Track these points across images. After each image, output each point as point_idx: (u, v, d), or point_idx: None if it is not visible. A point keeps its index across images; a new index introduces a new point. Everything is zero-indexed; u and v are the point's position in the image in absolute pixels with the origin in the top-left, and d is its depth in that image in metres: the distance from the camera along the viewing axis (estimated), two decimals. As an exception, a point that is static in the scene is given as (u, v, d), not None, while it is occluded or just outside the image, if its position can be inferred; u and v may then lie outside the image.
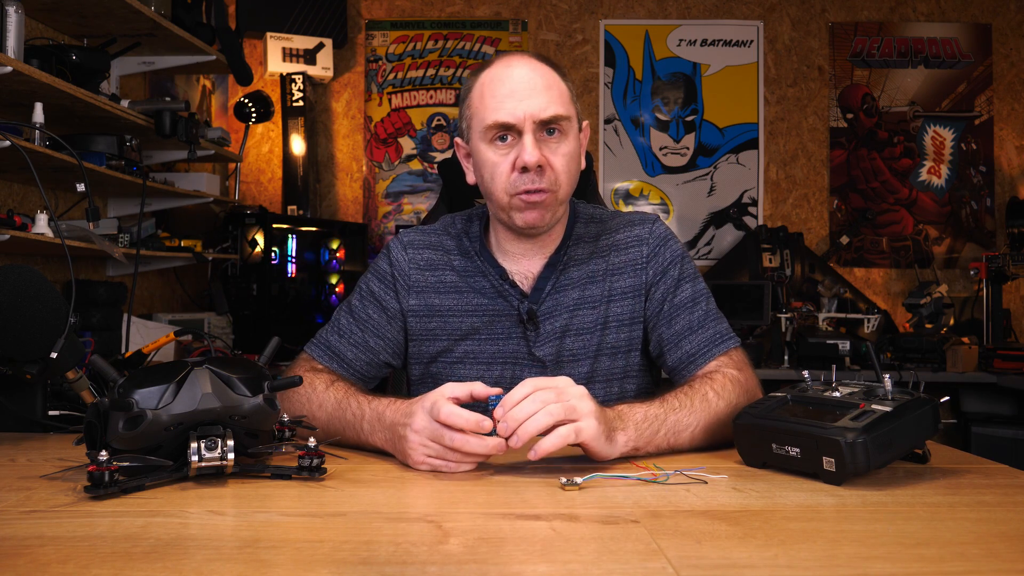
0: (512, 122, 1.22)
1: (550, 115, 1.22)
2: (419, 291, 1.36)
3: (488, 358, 1.34)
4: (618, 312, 1.34)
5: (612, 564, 0.70)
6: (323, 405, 1.20)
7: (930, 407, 1.00)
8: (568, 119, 1.25)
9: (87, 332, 2.39)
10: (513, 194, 1.24)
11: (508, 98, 1.22)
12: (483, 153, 1.26)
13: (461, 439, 1.00)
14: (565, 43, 4.21)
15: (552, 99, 1.23)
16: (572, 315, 1.33)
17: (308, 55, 3.98)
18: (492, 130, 1.24)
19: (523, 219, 1.26)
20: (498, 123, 1.23)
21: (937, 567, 0.70)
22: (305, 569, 0.68)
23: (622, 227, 1.38)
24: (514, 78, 1.23)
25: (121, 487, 0.90)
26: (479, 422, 0.99)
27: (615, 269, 1.35)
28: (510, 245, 1.35)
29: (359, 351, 1.35)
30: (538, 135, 1.23)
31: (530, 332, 1.32)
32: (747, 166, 4.18)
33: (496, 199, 1.28)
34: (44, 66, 2.09)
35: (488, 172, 1.26)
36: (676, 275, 1.35)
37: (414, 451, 1.03)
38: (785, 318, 3.64)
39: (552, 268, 1.34)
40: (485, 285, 1.35)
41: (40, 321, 1.11)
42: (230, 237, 3.35)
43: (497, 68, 1.26)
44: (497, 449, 1.00)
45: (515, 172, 1.23)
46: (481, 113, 1.25)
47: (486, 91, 1.25)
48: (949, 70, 4.16)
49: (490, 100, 1.24)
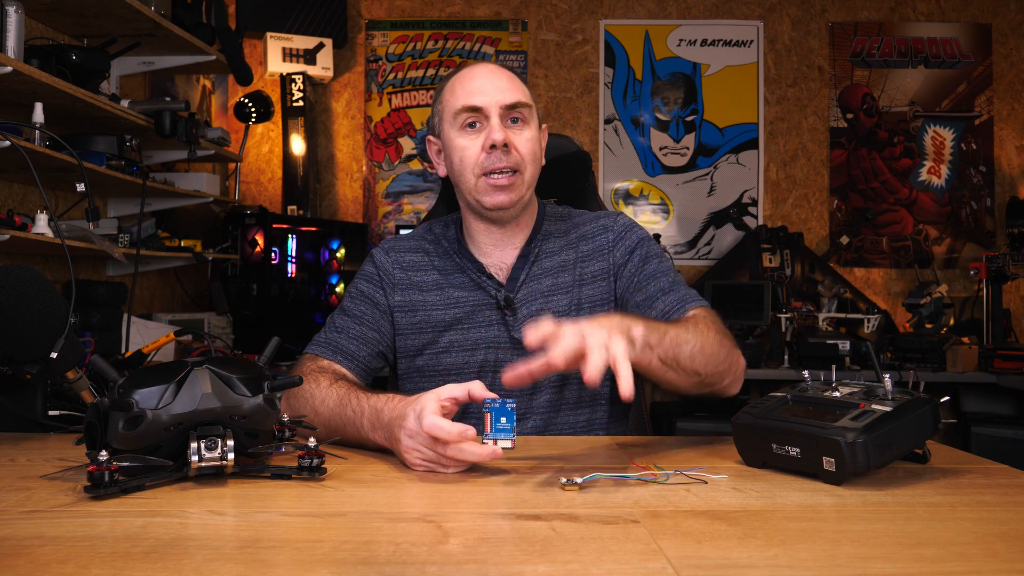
0: (480, 105, 1.34)
1: (514, 100, 1.35)
2: (403, 288, 1.44)
3: (471, 345, 1.40)
4: (590, 295, 1.42)
5: (612, 564, 0.70)
6: (325, 401, 1.21)
7: (930, 407, 1.00)
8: (530, 108, 1.38)
9: (87, 332, 2.39)
10: (481, 174, 1.35)
11: (476, 88, 1.36)
12: (453, 140, 1.38)
13: (454, 448, 1.00)
14: (565, 43, 4.21)
15: (515, 88, 1.37)
16: (547, 300, 1.41)
17: (308, 55, 3.98)
18: (462, 114, 1.35)
19: (492, 200, 1.36)
20: (468, 106, 1.35)
21: (937, 567, 0.70)
22: (305, 569, 0.68)
23: (589, 220, 1.49)
24: (481, 74, 1.38)
25: (121, 487, 0.90)
26: (462, 432, 0.99)
27: (584, 256, 1.44)
28: (483, 237, 1.44)
29: (360, 343, 1.40)
30: (503, 121, 1.35)
31: (508, 317, 1.40)
32: (747, 166, 4.18)
33: (465, 182, 1.38)
34: (44, 66, 2.09)
35: (458, 156, 1.37)
36: (643, 253, 1.43)
37: (407, 453, 1.04)
38: (785, 318, 3.64)
39: (525, 259, 1.43)
40: (464, 280, 1.43)
41: (40, 321, 1.11)
42: (230, 237, 3.35)
43: (465, 68, 1.42)
44: (491, 456, 1.00)
45: (483, 153, 1.34)
46: (451, 102, 1.38)
47: (456, 85, 1.39)
48: (949, 70, 4.15)
49: (460, 90, 1.37)
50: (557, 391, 1.40)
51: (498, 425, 1.01)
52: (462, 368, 1.39)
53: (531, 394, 1.39)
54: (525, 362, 0.97)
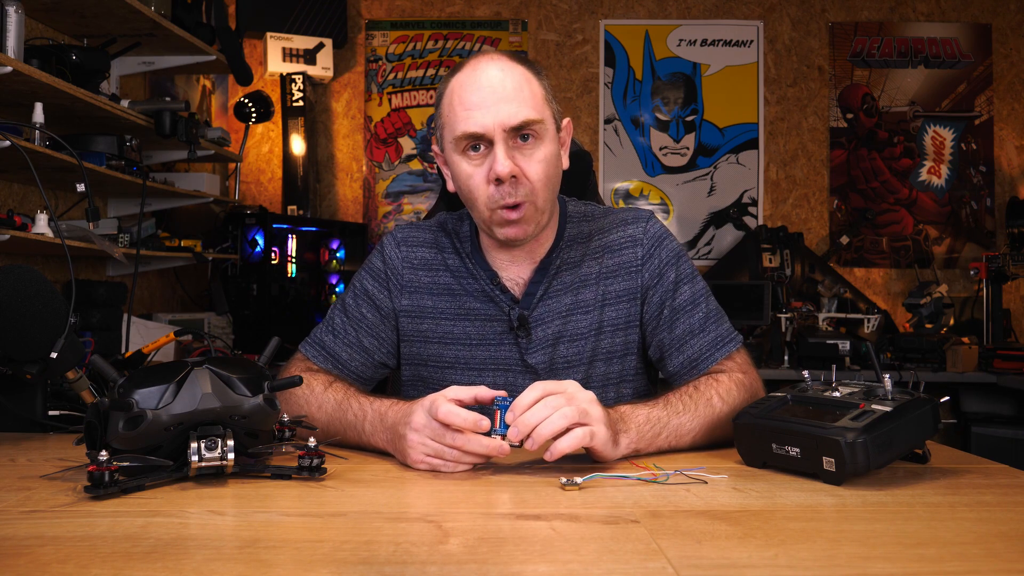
0: (481, 132, 1.18)
1: (520, 121, 1.18)
2: (412, 291, 1.34)
3: (479, 364, 1.31)
4: (613, 316, 1.31)
5: (612, 564, 0.70)
6: (322, 406, 1.20)
7: (930, 407, 1.00)
8: (541, 122, 1.20)
9: (87, 332, 2.39)
10: (493, 208, 1.21)
11: (477, 108, 1.18)
12: (457, 164, 1.22)
13: (462, 438, 1.00)
14: (565, 43, 4.21)
15: (523, 103, 1.18)
16: (565, 321, 1.30)
17: (308, 55, 3.98)
18: (463, 140, 1.20)
19: (504, 234, 1.24)
20: (467, 133, 1.19)
21: (937, 567, 0.70)
22: (305, 569, 0.68)
23: (615, 226, 1.35)
24: (483, 85, 1.19)
25: (121, 487, 0.90)
26: (477, 421, 1.00)
27: (609, 272, 1.32)
28: (498, 253, 1.32)
29: (354, 351, 1.33)
30: (511, 142, 1.19)
31: (522, 339, 1.29)
32: (747, 166, 4.18)
33: (476, 212, 1.25)
34: (44, 66, 2.09)
35: (465, 184, 1.23)
36: (674, 277, 1.31)
37: (413, 450, 1.03)
38: (785, 318, 3.64)
39: (543, 272, 1.31)
40: (476, 288, 1.32)
41: (40, 321, 1.11)
42: (230, 237, 3.35)
43: (466, 73, 1.21)
44: (498, 450, 1.00)
45: (491, 185, 1.20)
46: (452, 123, 1.21)
47: (455, 99, 1.20)
48: (949, 70, 4.15)
49: (459, 110, 1.19)
50: None
51: (507, 422, 1.01)
52: None
53: None
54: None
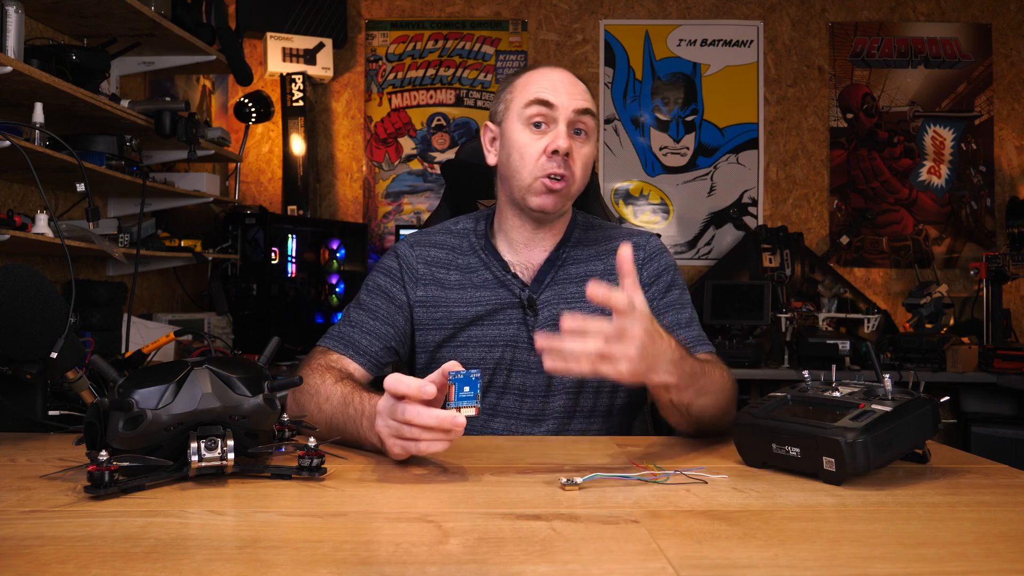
0: (554, 102, 1.35)
1: (585, 105, 1.37)
2: (426, 283, 1.44)
3: (490, 341, 1.41)
4: None
5: (612, 564, 0.70)
6: (330, 398, 1.21)
7: (930, 407, 1.00)
8: (594, 118, 1.40)
9: (87, 332, 2.39)
10: (538, 176, 1.35)
11: (552, 86, 1.37)
12: (516, 134, 1.38)
13: (412, 410, 0.98)
14: (565, 43, 4.21)
15: (587, 98, 1.39)
16: (569, 306, 1.41)
17: (308, 55, 3.98)
18: (533, 106, 1.36)
19: (539, 202, 1.37)
20: (541, 99, 1.36)
21: (937, 567, 0.70)
22: (305, 569, 0.68)
23: (622, 236, 1.51)
24: (555, 77, 1.39)
25: (121, 487, 0.90)
26: (421, 387, 0.98)
27: (613, 271, 1.41)
28: (517, 233, 1.45)
29: (372, 338, 1.40)
30: (570, 129, 1.36)
31: (530, 318, 1.41)
32: (747, 166, 4.18)
33: (519, 179, 1.38)
34: (44, 66, 2.09)
35: (517, 152, 1.37)
36: (668, 280, 1.46)
37: (381, 434, 1.03)
38: (785, 318, 3.64)
39: (552, 263, 1.44)
40: (488, 278, 1.44)
41: (40, 321, 1.11)
42: (230, 237, 3.35)
43: (537, 70, 1.42)
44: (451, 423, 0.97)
45: (544, 156, 1.35)
46: (524, 94, 1.38)
47: (532, 78, 1.40)
48: (949, 70, 4.15)
49: (534, 85, 1.38)
50: (572, 397, 1.40)
51: (461, 394, 0.99)
52: (479, 364, 1.39)
53: (546, 397, 1.39)
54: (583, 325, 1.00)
